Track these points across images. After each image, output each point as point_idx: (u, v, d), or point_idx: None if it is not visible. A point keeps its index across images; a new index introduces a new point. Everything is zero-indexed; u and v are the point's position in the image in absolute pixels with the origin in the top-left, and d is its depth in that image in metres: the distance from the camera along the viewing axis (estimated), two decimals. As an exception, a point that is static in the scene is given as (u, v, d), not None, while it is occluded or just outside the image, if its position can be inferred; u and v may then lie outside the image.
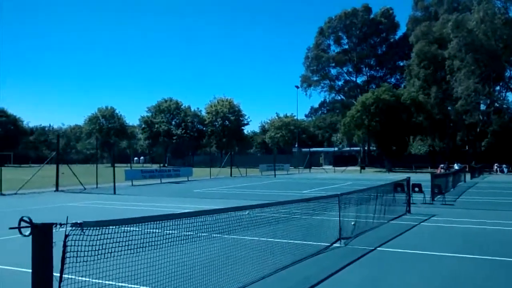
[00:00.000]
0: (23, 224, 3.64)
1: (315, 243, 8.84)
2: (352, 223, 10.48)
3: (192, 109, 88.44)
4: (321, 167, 67.25)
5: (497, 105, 62.13)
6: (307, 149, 70.28)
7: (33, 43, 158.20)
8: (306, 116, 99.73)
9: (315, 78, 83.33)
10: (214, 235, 6.25)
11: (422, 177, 24.41)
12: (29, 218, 3.65)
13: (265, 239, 8.21)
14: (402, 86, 72.58)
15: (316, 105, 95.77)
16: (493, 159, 55.33)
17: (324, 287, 6.29)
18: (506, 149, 58.09)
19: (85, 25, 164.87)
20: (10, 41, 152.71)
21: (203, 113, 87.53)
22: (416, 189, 16.67)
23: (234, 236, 7.00)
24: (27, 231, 3.61)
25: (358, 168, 60.64)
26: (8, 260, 7.83)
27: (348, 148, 77.70)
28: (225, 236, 6.55)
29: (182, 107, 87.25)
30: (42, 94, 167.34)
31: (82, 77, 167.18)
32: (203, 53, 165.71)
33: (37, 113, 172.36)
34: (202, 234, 5.95)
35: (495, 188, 26.84)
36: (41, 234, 3.61)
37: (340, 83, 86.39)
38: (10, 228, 3.68)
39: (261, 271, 6.73)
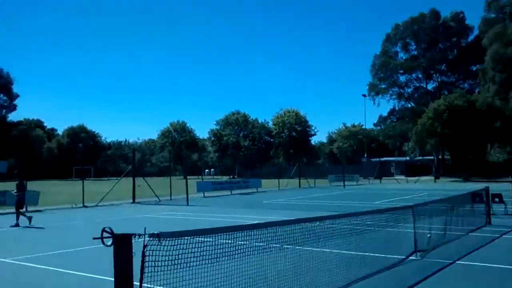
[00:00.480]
0: (105, 234, 3.84)
1: (389, 255, 8.57)
2: (428, 235, 10.06)
3: (259, 121, 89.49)
4: (392, 177, 65.23)
5: None
6: (377, 159, 68.51)
7: (107, 64, 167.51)
8: (374, 125, 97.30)
9: (383, 86, 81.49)
10: (286, 246, 6.24)
11: (503, 187, 22.96)
12: (110, 229, 3.85)
13: (337, 251, 8.07)
14: (476, 91, 69.11)
15: (385, 114, 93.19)
16: None
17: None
18: None
19: (156, 43, 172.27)
20: (87, 59, 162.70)
21: (270, 124, 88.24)
22: (496, 199, 15.72)
23: (305, 248, 6.95)
24: (109, 241, 3.80)
25: (432, 177, 58.25)
26: (92, 268, 8.28)
27: (420, 157, 74.86)
28: (297, 247, 6.52)
29: (249, 119, 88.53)
30: (118, 110, 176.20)
31: (154, 92, 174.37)
32: (269, 65, 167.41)
33: (114, 128, 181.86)
34: (274, 245, 5.97)
35: None
36: (122, 244, 3.79)
37: (409, 90, 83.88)
38: (94, 238, 3.89)
39: (334, 283, 6.62)
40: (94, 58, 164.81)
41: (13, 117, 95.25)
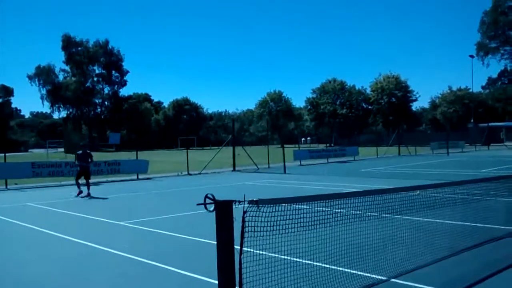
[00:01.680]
0: (207, 201, 4.09)
1: (498, 226, 8.09)
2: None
3: (357, 88, 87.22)
4: (502, 144, 60.49)
5: None
6: (485, 124, 63.73)
7: (209, 38, 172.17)
8: (482, 88, 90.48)
9: (493, 45, 74.84)
10: (384, 215, 6.16)
11: None
12: (213, 196, 4.08)
13: (440, 221, 7.80)
14: None
15: (495, 75, 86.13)
16: None
17: (509, 274, 5.74)
18: None
19: (250, 16, 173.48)
20: (189, 36, 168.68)
21: (368, 91, 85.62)
22: None
23: (405, 217, 6.81)
24: (211, 207, 4.04)
25: (550, 143, 53.11)
26: (196, 232, 8.83)
27: (536, 122, 68.40)
28: (396, 216, 6.41)
29: (346, 86, 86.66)
30: (218, 83, 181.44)
31: (252, 64, 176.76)
32: (366, 28, 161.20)
33: (215, 100, 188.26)
34: (371, 213, 5.93)
35: None
36: (223, 210, 3.99)
37: (524, 48, 76.06)
38: (198, 204, 4.16)
39: (436, 254, 6.42)
40: (196, 36, 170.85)
41: (124, 92, 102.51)
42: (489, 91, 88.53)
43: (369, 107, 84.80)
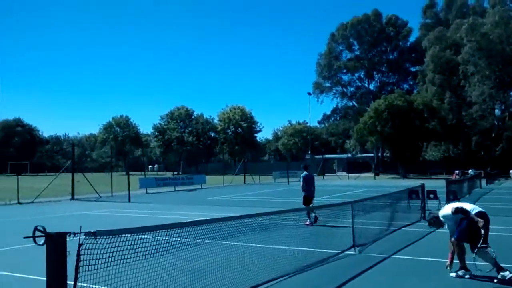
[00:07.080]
0: (37, 233, 3.68)
1: (327, 250, 8.78)
2: (368, 230, 10.43)
3: (205, 117, 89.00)
4: (334, 174, 66.96)
5: (512, 110, 61.52)
6: (320, 156, 70.01)
7: (48, 53, 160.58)
8: (318, 122, 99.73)
9: (327, 85, 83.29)
10: (224, 242, 6.27)
11: (437, 184, 24.11)
12: (43, 227, 3.69)
13: (275, 246, 8.18)
14: (415, 91, 72.06)
15: (329, 112, 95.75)
16: (508, 164, 54.52)
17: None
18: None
19: (99, 36, 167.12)
20: (26, 51, 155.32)
21: (216, 120, 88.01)
22: (431, 195, 16.46)
23: (242, 243, 7.02)
24: (41, 240, 3.65)
25: (372, 174, 60.25)
26: (25, 268, 7.91)
27: (361, 155, 77.28)
28: (233, 243, 6.56)
29: (194, 114, 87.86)
30: (58, 103, 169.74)
31: (97, 86, 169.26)
32: (216, 60, 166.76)
33: (53, 122, 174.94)
34: (217, 241, 5.99)
35: (511, 194, 26.45)
36: (55, 243, 3.65)
37: (352, 89, 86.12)
38: (25, 237, 3.72)
39: (269, 276, 6.69)
40: (29, 49, 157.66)
41: None
42: (324, 126, 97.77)
43: (216, 136, 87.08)
